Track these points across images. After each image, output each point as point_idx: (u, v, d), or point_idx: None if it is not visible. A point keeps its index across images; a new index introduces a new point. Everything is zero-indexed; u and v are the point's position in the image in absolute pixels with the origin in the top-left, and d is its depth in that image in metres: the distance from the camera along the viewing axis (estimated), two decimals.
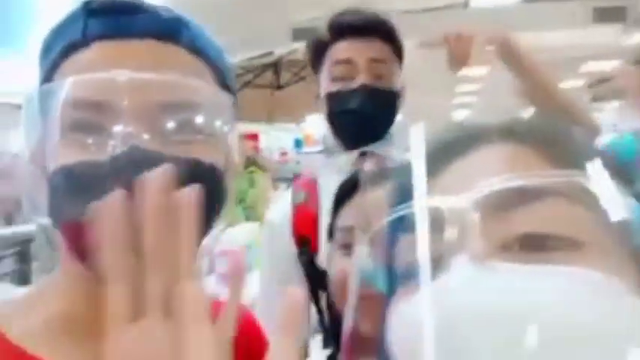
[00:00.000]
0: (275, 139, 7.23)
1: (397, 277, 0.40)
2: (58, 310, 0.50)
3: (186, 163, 0.47)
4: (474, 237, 0.34)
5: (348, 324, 0.41)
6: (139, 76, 0.47)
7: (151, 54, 0.50)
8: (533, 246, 0.34)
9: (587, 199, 0.35)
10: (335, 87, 1.07)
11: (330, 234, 0.79)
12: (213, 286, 2.29)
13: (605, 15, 5.28)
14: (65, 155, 0.47)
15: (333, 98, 1.08)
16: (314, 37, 1.13)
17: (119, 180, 0.43)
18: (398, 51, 1.11)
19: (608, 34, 5.84)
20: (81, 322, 0.49)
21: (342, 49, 1.07)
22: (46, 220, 0.48)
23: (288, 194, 1.18)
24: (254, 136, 6.46)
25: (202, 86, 0.52)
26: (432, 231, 0.34)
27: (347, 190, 0.78)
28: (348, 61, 1.06)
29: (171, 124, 0.48)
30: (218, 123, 0.52)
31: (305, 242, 1.10)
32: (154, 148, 0.46)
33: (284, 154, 6.84)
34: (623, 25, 5.64)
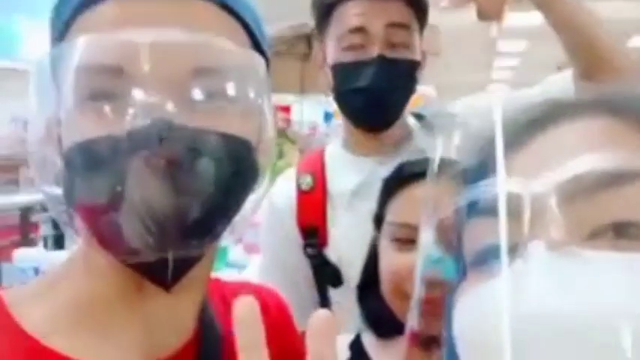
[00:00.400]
0: (307, 110, 7.19)
1: (465, 264, 0.37)
2: (75, 296, 0.47)
3: (217, 138, 0.43)
4: (552, 223, 0.30)
5: (412, 319, 0.39)
6: (165, 37, 0.41)
7: (177, 9, 0.44)
8: (625, 235, 0.30)
9: None
10: (345, 57, 0.92)
11: (378, 223, 0.76)
12: (241, 256, 2.32)
13: None
14: (81, 129, 0.42)
15: (342, 70, 0.93)
16: None
17: (141, 157, 0.40)
18: (421, 13, 0.95)
19: None
20: (98, 309, 0.46)
21: (353, 12, 0.91)
22: (59, 195, 0.44)
23: (294, 173, 1.06)
24: (286, 109, 6.44)
25: (236, 49, 0.46)
26: (507, 216, 0.31)
27: (397, 181, 0.74)
28: (360, 30, 0.90)
29: (200, 93, 0.43)
30: (252, 91, 0.47)
31: (312, 233, 1.00)
32: (181, 120, 0.41)
33: (314, 126, 6.81)
34: None
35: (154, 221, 0.40)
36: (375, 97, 0.92)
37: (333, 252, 0.99)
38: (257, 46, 0.50)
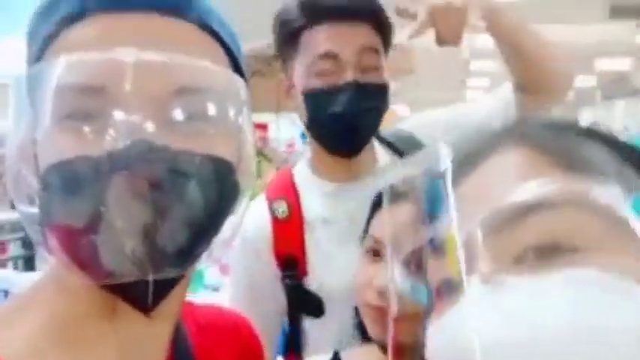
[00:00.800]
0: (284, 128, 7.21)
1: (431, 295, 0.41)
2: (47, 320, 0.45)
3: (199, 159, 0.42)
4: (481, 256, 0.34)
5: (391, 335, 0.42)
6: (148, 57, 0.41)
7: (158, 30, 0.44)
8: (543, 257, 0.34)
9: (596, 205, 0.34)
10: (316, 83, 0.90)
11: (365, 232, 0.79)
12: (217, 277, 2.30)
13: (621, 11, 5.20)
14: (59, 149, 0.41)
15: (314, 97, 0.91)
16: (282, 19, 0.94)
17: (120, 179, 0.39)
18: (386, 36, 0.94)
19: (622, 30, 5.76)
20: (72, 332, 0.45)
21: (323, 38, 0.89)
22: (34, 216, 0.42)
23: (264, 200, 1.01)
24: (263, 127, 6.45)
25: (219, 71, 0.46)
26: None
27: (381, 200, 0.77)
28: (331, 55, 0.89)
29: (183, 114, 0.42)
30: (234, 113, 0.46)
31: (291, 264, 0.95)
32: (162, 141, 0.40)
33: (291, 145, 6.82)
34: (638, 22, 5.56)
35: (133, 244, 0.39)
36: (351, 122, 0.90)
37: (314, 280, 0.96)
38: (236, 67, 0.50)
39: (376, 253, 0.74)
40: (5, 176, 0.43)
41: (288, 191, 1.00)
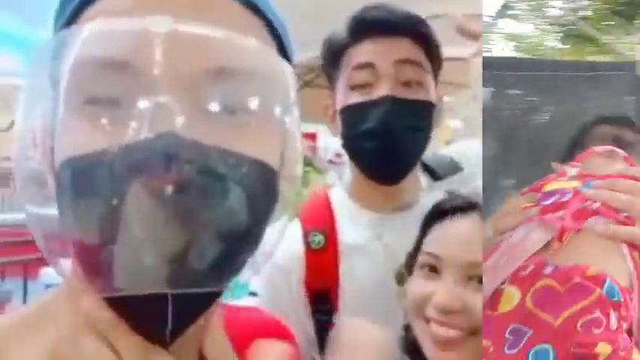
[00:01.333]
0: (332, 138, 7.25)
1: None
2: (58, 335, 0.40)
3: (233, 160, 0.35)
4: None
5: None
6: (183, 28, 0.34)
7: (198, 3, 0.37)
8: None
9: None
10: (352, 99, 0.85)
11: (416, 250, 0.78)
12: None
13: None
14: (74, 141, 0.34)
15: (347, 113, 0.86)
16: (329, 38, 0.92)
17: (142, 179, 0.32)
18: (431, 52, 0.88)
19: None
20: (84, 351, 0.39)
21: (361, 51, 0.86)
22: (45, 218, 0.37)
23: (299, 227, 0.94)
24: (312, 136, 6.47)
25: (265, 51, 0.39)
26: None
27: (433, 216, 0.77)
28: (368, 65, 0.84)
29: (218, 100, 0.35)
30: (281, 105, 0.39)
31: (323, 298, 0.89)
32: (191, 134, 0.33)
33: (339, 155, 6.82)
34: None
35: (150, 256, 0.33)
36: (386, 142, 0.82)
37: (349, 309, 0.88)
38: (284, 54, 0.43)
39: (432, 269, 0.74)
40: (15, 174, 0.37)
41: (326, 220, 0.94)
